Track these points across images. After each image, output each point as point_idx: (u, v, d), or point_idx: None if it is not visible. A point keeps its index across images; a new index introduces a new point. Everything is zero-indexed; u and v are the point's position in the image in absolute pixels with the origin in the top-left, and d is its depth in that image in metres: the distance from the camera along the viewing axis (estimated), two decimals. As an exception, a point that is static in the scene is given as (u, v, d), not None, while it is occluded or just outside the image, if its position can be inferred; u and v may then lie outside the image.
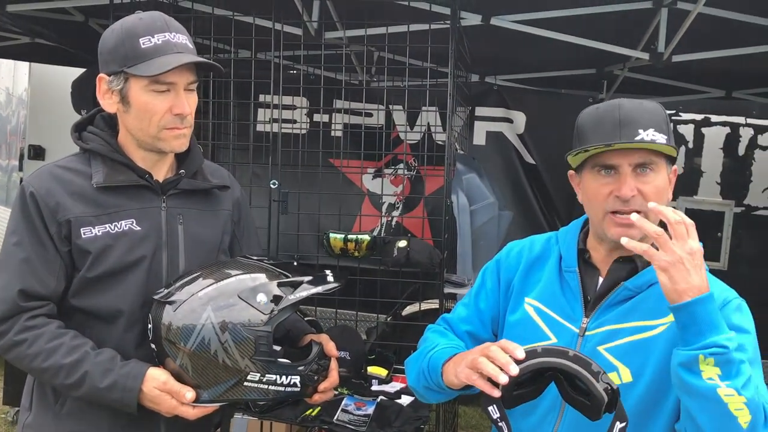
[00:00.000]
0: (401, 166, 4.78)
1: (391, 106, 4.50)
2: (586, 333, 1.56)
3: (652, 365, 1.49)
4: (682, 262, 1.34)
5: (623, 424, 1.34)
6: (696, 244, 1.37)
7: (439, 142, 4.26)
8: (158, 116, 1.70)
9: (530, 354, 1.37)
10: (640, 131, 1.50)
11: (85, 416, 1.73)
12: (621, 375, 1.51)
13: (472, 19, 3.57)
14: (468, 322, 1.76)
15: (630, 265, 1.58)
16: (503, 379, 1.33)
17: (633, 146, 1.50)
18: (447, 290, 3.49)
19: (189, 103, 1.73)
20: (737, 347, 1.35)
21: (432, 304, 3.58)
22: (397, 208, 4.94)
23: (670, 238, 1.36)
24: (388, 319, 4.07)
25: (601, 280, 1.61)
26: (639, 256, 1.55)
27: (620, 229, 1.51)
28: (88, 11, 4.14)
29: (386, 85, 3.86)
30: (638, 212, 1.47)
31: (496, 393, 1.36)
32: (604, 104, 1.57)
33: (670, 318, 1.49)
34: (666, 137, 1.51)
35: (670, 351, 1.46)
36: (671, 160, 1.57)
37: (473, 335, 1.75)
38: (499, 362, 1.36)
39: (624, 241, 1.42)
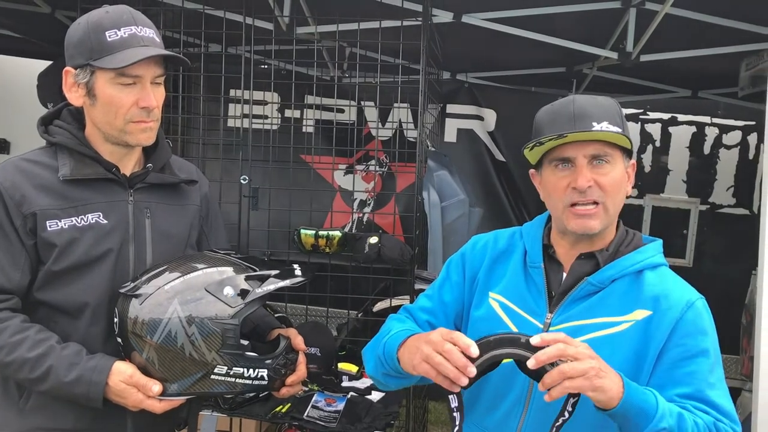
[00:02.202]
0: (373, 162, 4.78)
1: (362, 103, 4.49)
2: (550, 328, 1.57)
3: (616, 362, 1.48)
4: (600, 370, 1.34)
5: (575, 399, 1.39)
6: (582, 345, 1.37)
7: (411, 139, 4.27)
8: (124, 109, 1.69)
9: (484, 347, 1.40)
10: (594, 124, 1.52)
11: (51, 411, 1.71)
12: None
13: (443, 17, 3.59)
14: (430, 313, 1.76)
15: (593, 261, 1.59)
16: (463, 382, 1.37)
17: (585, 137, 1.51)
18: (418, 286, 3.50)
19: (156, 96, 1.72)
20: (670, 414, 1.38)
21: (403, 300, 3.58)
22: (369, 204, 4.93)
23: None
24: (359, 315, 4.07)
25: (565, 275, 1.62)
26: (600, 252, 1.59)
27: (580, 220, 1.55)
28: (55, 2, 4.07)
29: (358, 82, 3.85)
30: (596, 203, 1.53)
31: (456, 389, 1.42)
32: (559, 101, 1.60)
33: (635, 316, 1.52)
34: (620, 129, 1.53)
35: (635, 349, 1.50)
36: (628, 153, 1.58)
37: (433, 326, 1.73)
38: (456, 364, 1.37)
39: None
